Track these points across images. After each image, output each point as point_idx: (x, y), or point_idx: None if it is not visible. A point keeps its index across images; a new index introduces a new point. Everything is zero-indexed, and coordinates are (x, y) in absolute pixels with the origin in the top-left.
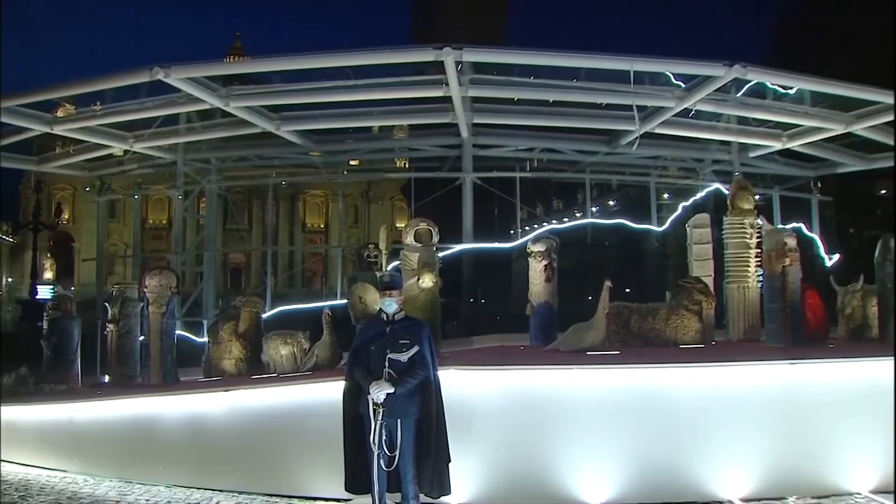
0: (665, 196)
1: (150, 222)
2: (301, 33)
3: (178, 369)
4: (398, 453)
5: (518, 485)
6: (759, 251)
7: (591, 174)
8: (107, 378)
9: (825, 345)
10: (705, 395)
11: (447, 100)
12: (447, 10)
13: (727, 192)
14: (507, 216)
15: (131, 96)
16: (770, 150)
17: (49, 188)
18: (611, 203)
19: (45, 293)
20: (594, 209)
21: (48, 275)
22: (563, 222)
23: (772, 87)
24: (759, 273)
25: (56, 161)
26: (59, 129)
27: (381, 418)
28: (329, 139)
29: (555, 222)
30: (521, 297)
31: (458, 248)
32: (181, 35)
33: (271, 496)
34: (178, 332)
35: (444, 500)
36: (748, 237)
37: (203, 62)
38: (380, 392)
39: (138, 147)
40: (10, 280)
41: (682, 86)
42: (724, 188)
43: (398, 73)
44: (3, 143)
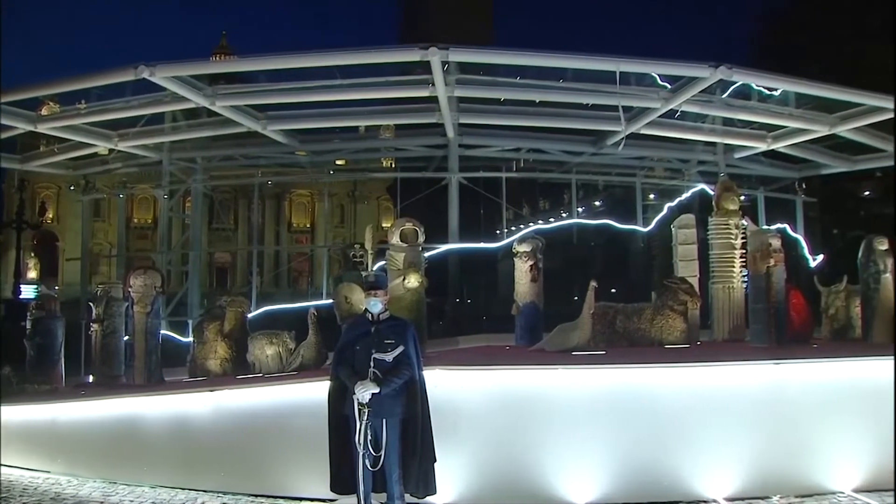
0: (651, 197)
1: (135, 222)
2: (287, 33)
3: (163, 369)
4: (383, 453)
5: (504, 484)
6: (743, 252)
7: (577, 175)
8: (91, 378)
9: (809, 345)
10: (690, 395)
11: (433, 100)
12: (434, 10)
13: (712, 193)
14: (493, 216)
15: (116, 95)
16: (755, 152)
17: (33, 187)
18: (597, 203)
19: (28, 293)
20: (580, 209)
21: (32, 274)
22: (548, 222)
23: (757, 88)
24: (744, 273)
25: (40, 159)
26: (44, 128)
27: (366, 418)
28: (315, 139)
29: (541, 222)
30: (507, 298)
31: (443, 248)
32: (167, 34)
33: (256, 496)
34: (162, 331)
35: (429, 500)
36: (733, 238)
37: (188, 61)
38: (365, 392)
39: (123, 146)
40: None
41: (668, 87)
42: (709, 189)
43: (384, 73)
44: None
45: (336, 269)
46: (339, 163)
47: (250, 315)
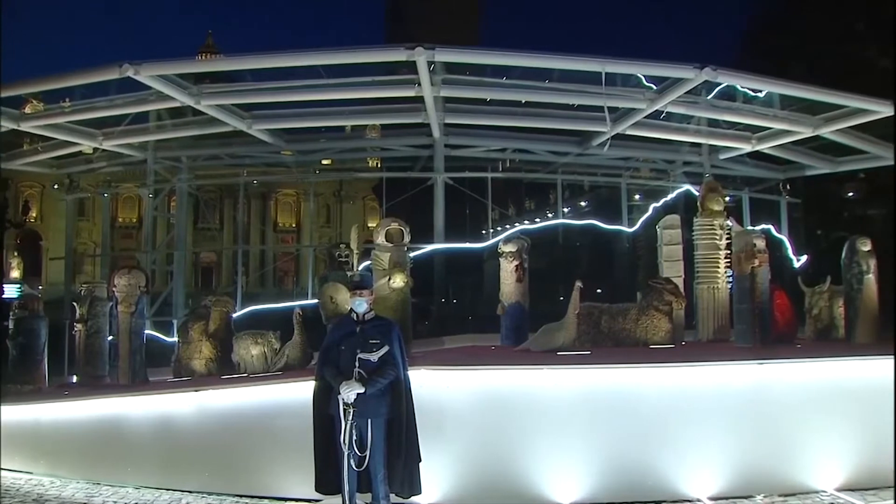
0: (636, 197)
1: (119, 221)
2: (273, 32)
3: (148, 369)
4: (368, 453)
5: (489, 484)
6: (728, 252)
7: (562, 175)
8: (75, 378)
9: (793, 345)
10: (675, 395)
11: (419, 100)
12: (420, 10)
13: (697, 194)
14: (478, 216)
15: (101, 93)
16: (740, 153)
17: (16, 185)
18: (582, 204)
19: (11, 292)
20: (566, 210)
21: (15, 273)
22: (534, 223)
23: (742, 90)
24: (729, 274)
25: (23, 158)
26: (27, 126)
27: (351, 418)
28: (301, 138)
29: (526, 223)
30: (493, 298)
31: (429, 248)
32: (153, 32)
33: (241, 497)
34: (147, 331)
35: (414, 499)
36: (718, 238)
37: (174, 59)
38: (350, 392)
39: (108, 145)
40: None
41: (654, 88)
42: (694, 190)
43: (370, 73)
44: None
45: (321, 268)
46: (324, 162)
47: (235, 315)
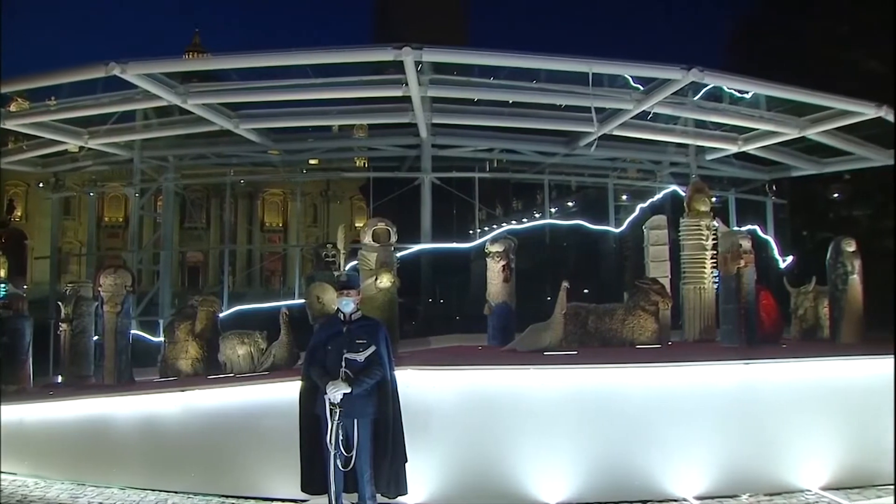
0: (623, 198)
1: (105, 220)
2: (261, 31)
3: (134, 369)
4: (355, 453)
5: (475, 484)
6: (714, 253)
7: (549, 175)
8: (60, 378)
9: (778, 345)
10: (661, 395)
11: (407, 100)
12: (407, 10)
13: (684, 195)
14: (465, 216)
15: (87, 92)
16: (726, 154)
17: (1, 184)
18: (569, 204)
19: None
20: (553, 210)
21: None
22: (521, 223)
23: (728, 91)
24: (715, 274)
25: (8, 157)
26: (12, 124)
27: (337, 418)
28: (288, 138)
29: (513, 223)
30: (480, 298)
31: (416, 248)
32: (140, 31)
33: (227, 497)
34: (133, 331)
35: (400, 500)
36: (704, 239)
37: (160, 58)
38: (336, 392)
39: (93, 143)
40: None
41: (641, 88)
42: (681, 190)
43: (358, 73)
44: None
45: (308, 268)
46: (312, 162)
47: (222, 315)
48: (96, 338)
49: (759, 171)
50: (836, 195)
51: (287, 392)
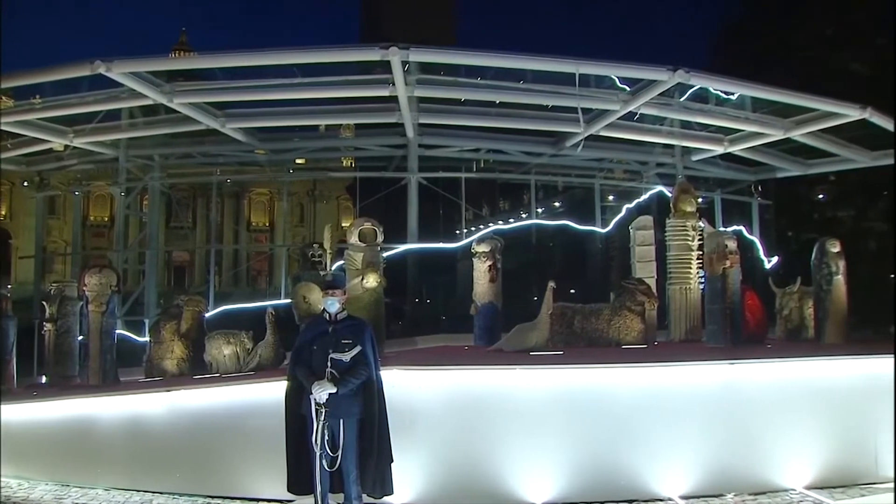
0: (609, 198)
1: (91, 219)
2: (248, 30)
3: (119, 369)
4: (340, 453)
5: (461, 484)
6: (700, 253)
7: (536, 175)
8: (44, 379)
9: (763, 345)
10: (647, 395)
11: (393, 99)
12: (395, 10)
13: (670, 195)
14: (452, 216)
15: (72, 90)
16: (712, 154)
17: None
18: (556, 204)
19: None
20: (539, 210)
21: None
22: (508, 223)
23: (714, 92)
24: (701, 275)
25: None
26: None
27: (323, 418)
28: (274, 137)
29: (500, 223)
30: (466, 298)
31: (402, 248)
32: (126, 30)
33: (213, 497)
34: (118, 331)
35: (386, 500)
36: (690, 239)
37: (146, 57)
38: (322, 392)
39: (79, 142)
40: None
41: (627, 89)
42: (667, 191)
43: (345, 72)
44: None
45: (295, 268)
46: (298, 162)
47: (208, 314)
48: (81, 338)
49: (745, 172)
50: (820, 196)
51: (273, 392)
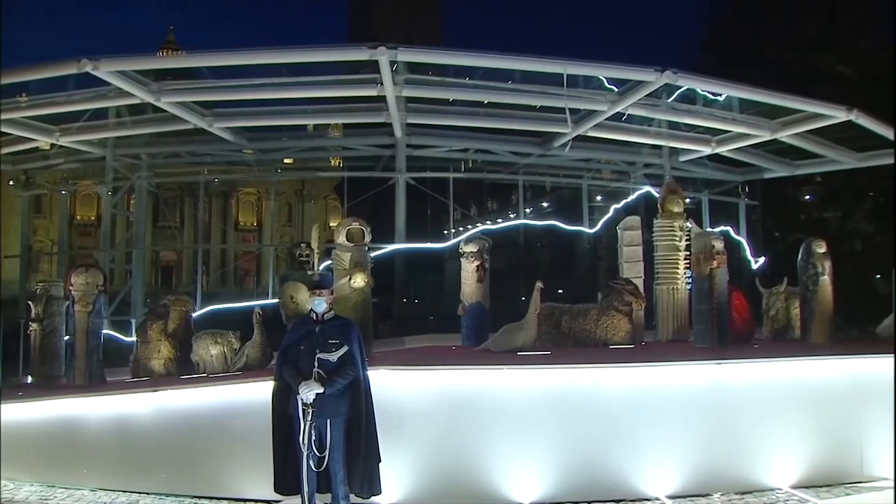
0: (597, 198)
1: (77, 218)
2: (236, 29)
3: (105, 369)
4: (328, 454)
5: (449, 484)
6: (687, 253)
7: (524, 176)
8: (30, 379)
9: (750, 345)
10: (634, 395)
11: (381, 99)
12: (383, 10)
13: (658, 196)
14: (440, 216)
15: (58, 88)
16: (700, 155)
17: None
18: (544, 204)
19: None
20: (527, 210)
21: None
22: (496, 223)
23: (702, 93)
24: (688, 275)
25: None
26: None
27: (310, 418)
28: (262, 137)
29: (488, 223)
30: (454, 298)
31: (390, 247)
32: (113, 28)
33: (200, 498)
34: (105, 331)
35: (374, 500)
36: (677, 240)
37: (133, 55)
38: (309, 392)
39: (65, 141)
40: None
41: (615, 90)
42: (654, 191)
43: (333, 72)
44: None
45: (282, 268)
46: (286, 161)
47: (195, 314)
48: (67, 338)
49: (732, 173)
50: (807, 197)
51: (260, 392)
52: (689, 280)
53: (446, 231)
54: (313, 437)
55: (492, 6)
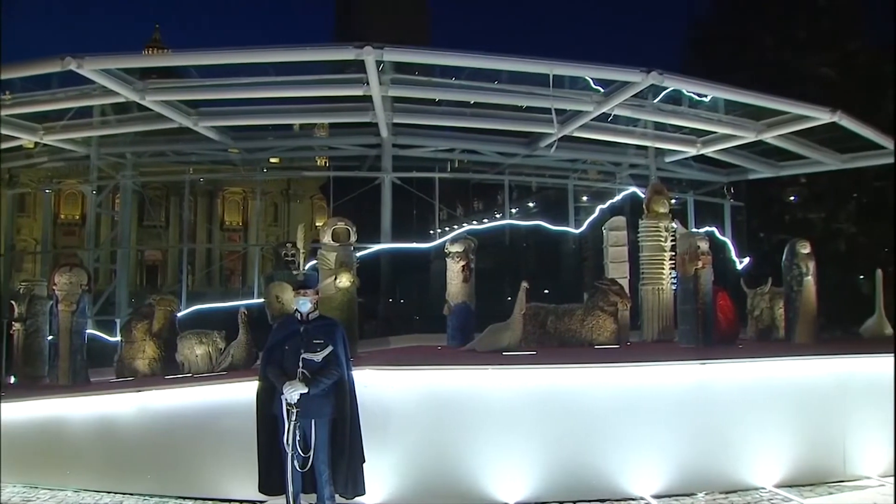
0: (583, 199)
1: (62, 217)
2: (222, 28)
3: (90, 369)
4: (312, 454)
5: (433, 484)
6: (673, 254)
7: (510, 176)
8: (13, 379)
9: (735, 345)
10: (619, 395)
11: (368, 99)
12: (369, 9)
13: (643, 196)
14: (426, 216)
15: (42, 86)
16: (685, 156)
17: None
18: (530, 205)
19: None
20: (513, 211)
21: None
22: (482, 223)
23: (687, 94)
24: (673, 275)
25: None
26: None
27: (294, 419)
28: (248, 136)
29: (474, 223)
30: (439, 298)
31: (376, 247)
32: (98, 26)
33: (184, 499)
34: (89, 331)
35: (358, 500)
36: (663, 240)
37: (118, 54)
38: (293, 392)
39: (49, 139)
40: None
41: (601, 90)
42: (640, 192)
43: (319, 71)
44: None
45: (268, 267)
46: (272, 161)
47: (180, 314)
48: (51, 337)
49: (718, 174)
50: (791, 198)
51: (245, 392)
52: (675, 280)
53: (432, 231)
54: (298, 438)
55: (480, 6)
